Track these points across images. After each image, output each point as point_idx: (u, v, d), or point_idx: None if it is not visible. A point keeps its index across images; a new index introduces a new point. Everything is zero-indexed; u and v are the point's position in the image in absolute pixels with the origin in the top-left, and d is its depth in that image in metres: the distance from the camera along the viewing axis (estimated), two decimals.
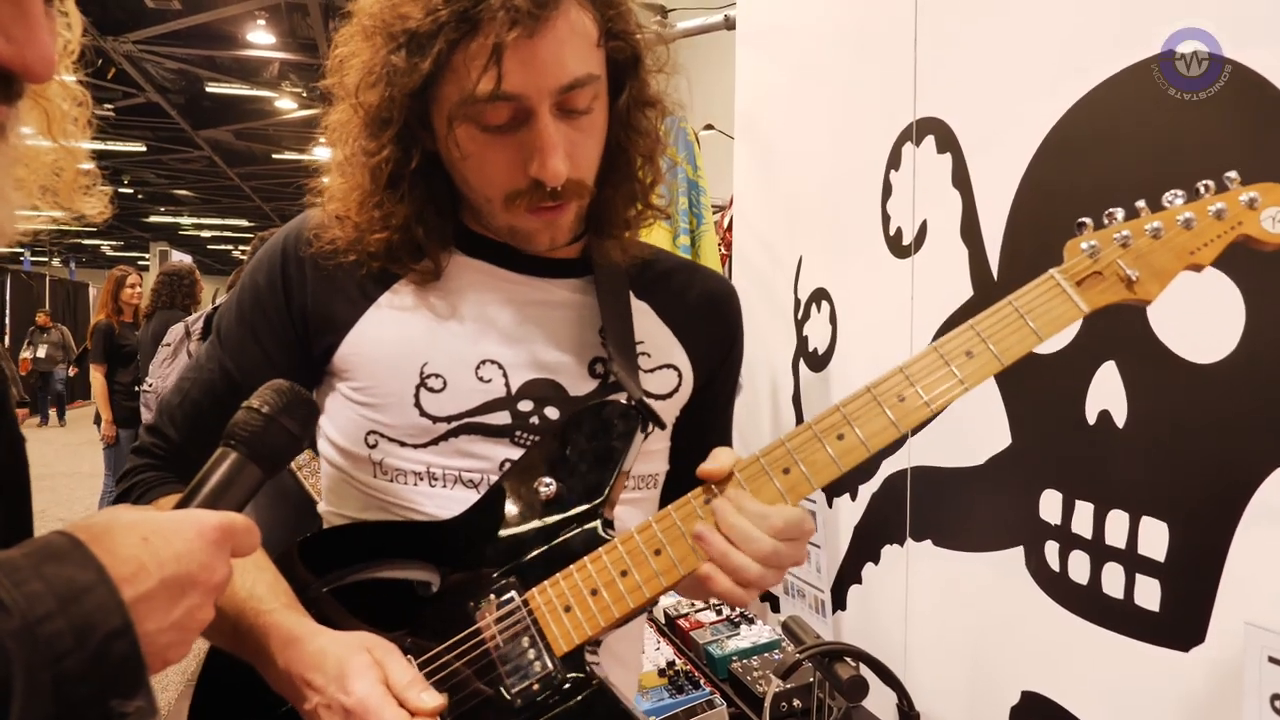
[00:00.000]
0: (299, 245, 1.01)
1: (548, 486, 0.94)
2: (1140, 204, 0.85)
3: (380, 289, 1.01)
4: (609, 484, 0.94)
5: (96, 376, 5.63)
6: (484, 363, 0.99)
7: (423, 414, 0.97)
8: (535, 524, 0.94)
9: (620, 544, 0.90)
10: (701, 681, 1.88)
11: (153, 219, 21.35)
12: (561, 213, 0.96)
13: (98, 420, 5.77)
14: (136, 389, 5.31)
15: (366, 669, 0.80)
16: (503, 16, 0.82)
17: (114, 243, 25.91)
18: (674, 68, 1.02)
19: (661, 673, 1.91)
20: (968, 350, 0.84)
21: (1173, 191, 0.85)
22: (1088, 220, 0.86)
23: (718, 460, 0.88)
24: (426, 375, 0.98)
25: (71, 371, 12.86)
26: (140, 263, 25.01)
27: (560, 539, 0.93)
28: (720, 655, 1.90)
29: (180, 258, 12.81)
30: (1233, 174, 0.84)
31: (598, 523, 0.93)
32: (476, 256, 1.03)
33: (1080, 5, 1.19)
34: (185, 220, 22.75)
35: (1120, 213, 0.85)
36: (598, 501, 0.94)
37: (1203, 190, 0.84)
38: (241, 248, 26.32)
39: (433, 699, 0.80)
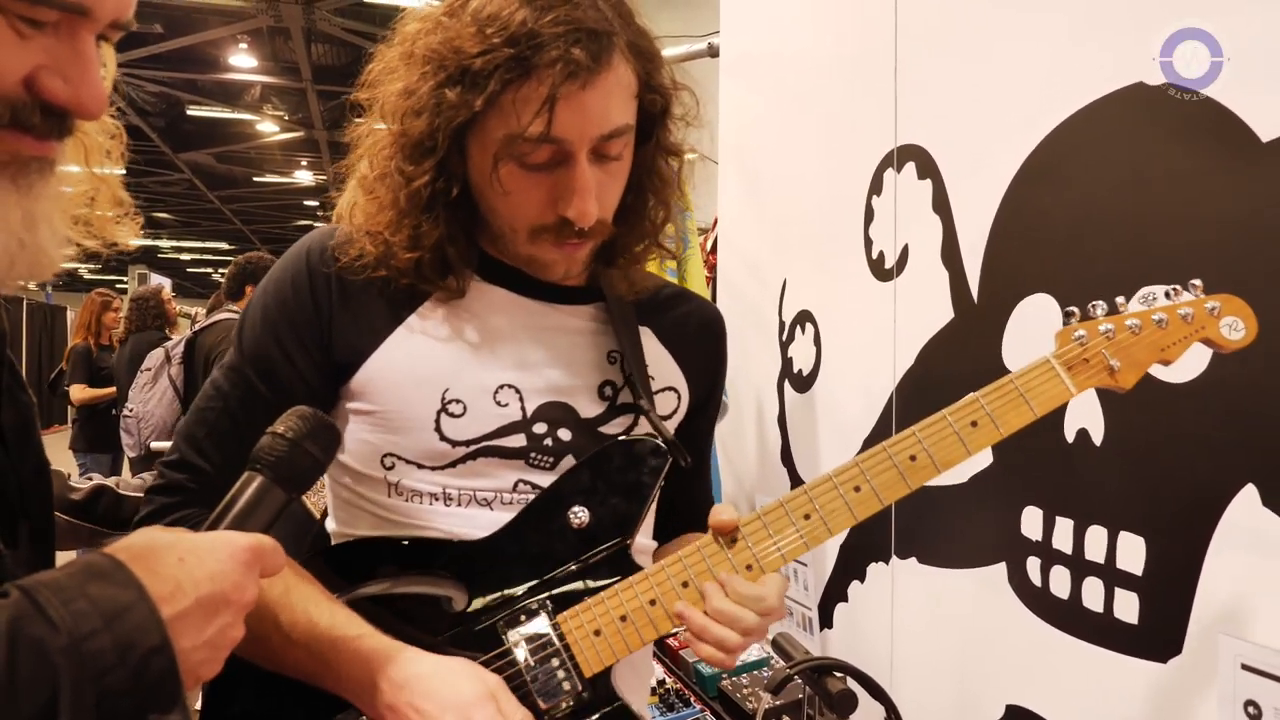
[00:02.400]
0: (323, 261, 1.01)
1: (578, 515, 0.97)
2: (1120, 300, 0.97)
3: (405, 313, 1.01)
4: (639, 516, 0.98)
5: (80, 395, 5.57)
6: (502, 387, 1.01)
7: (443, 438, 0.99)
8: (567, 550, 0.97)
9: (650, 575, 0.94)
10: (691, 699, 1.89)
11: (131, 242, 21.15)
12: (582, 248, 1.00)
13: (74, 446, 5.67)
14: (114, 412, 5.25)
15: (485, 701, 0.83)
16: (560, 68, 0.85)
17: (91, 266, 25.66)
18: (700, 121, 1.05)
19: (652, 691, 1.91)
20: (973, 420, 0.94)
21: (1147, 290, 0.96)
22: (1075, 310, 0.96)
23: (723, 514, 0.94)
24: (448, 401, 0.99)
25: None
26: (118, 286, 24.76)
27: (591, 566, 0.96)
28: (710, 673, 1.91)
29: (159, 280, 12.70)
30: (1196, 281, 0.95)
31: (627, 552, 0.98)
32: (494, 282, 1.05)
33: (1058, 34, 1.23)
34: (164, 243, 22.60)
35: (1102, 306, 0.96)
36: (627, 532, 0.98)
37: (1172, 294, 0.95)
38: (221, 271, 26.14)
39: None
